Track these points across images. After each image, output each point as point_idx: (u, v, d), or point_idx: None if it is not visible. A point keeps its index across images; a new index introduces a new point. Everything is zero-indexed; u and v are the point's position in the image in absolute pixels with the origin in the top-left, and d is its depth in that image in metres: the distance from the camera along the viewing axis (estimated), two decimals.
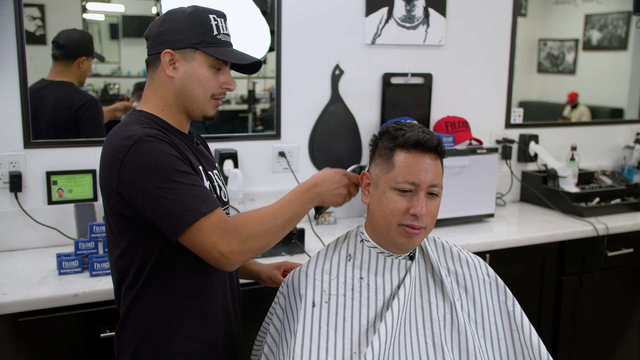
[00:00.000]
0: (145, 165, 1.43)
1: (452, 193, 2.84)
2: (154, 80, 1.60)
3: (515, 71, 3.39)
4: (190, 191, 1.43)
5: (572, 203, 3.11)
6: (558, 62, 4.11)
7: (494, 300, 1.62)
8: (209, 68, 1.57)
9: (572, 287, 2.96)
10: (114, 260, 1.60)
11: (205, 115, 1.62)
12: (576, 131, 3.67)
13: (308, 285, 1.52)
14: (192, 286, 1.58)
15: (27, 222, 2.43)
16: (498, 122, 3.41)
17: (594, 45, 4.12)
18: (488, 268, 1.67)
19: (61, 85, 2.54)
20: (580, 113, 4.00)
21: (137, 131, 1.47)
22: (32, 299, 1.94)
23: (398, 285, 1.53)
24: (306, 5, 2.84)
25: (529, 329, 1.58)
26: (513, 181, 3.41)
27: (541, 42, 4.04)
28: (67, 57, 2.53)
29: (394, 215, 1.47)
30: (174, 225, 1.41)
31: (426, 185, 1.47)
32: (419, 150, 1.47)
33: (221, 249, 1.41)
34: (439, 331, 1.52)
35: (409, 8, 3.03)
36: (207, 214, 1.42)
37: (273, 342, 1.59)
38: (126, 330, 1.61)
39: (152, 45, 1.59)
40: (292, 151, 2.90)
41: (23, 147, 2.41)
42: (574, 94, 4.01)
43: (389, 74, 3.05)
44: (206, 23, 1.56)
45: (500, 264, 2.71)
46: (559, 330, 2.97)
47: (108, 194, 1.52)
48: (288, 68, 2.85)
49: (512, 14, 3.31)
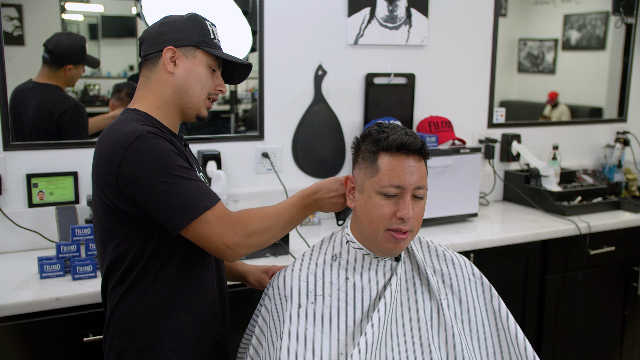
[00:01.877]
0: (147, 160, 1.46)
1: (435, 193, 2.84)
2: (150, 79, 1.63)
3: (495, 71, 3.41)
4: (193, 185, 1.48)
5: (554, 202, 3.13)
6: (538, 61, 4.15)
7: (480, 299, 1.62)
8: (207, 68, 1.64)
9: (555, 286, 2.98)
10: (104, 257, 1.59)
11: (199, 115, 1.67)
12: (558, 130, 3.70)
13: (294, 286, 1.51)
14: (181, 282, 1.59)
15: (7, 225, 2.39)
16: (480, 122, 3.42)
17: (572, 45, 4.15)
18: (473, 267, 1.67)
19: (47, 88, 2.52)
20: (560, 112, 4.03)
21: (137, 128, 1.50)
22: (12, 303, 1.91)
23: (384, 285, 1.53)
24: (288, 5, 2.83)
25: (515, 328, 1.59)
26: (496, 181, 3.42)
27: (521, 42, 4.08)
28: (54, 62, 2.50)
29: (381, 221, 1.47)
30: (178, 219, 1.45)
31: (412, 187, 1.47)
32: (402, 152, 1.47)
33: (226, 240, 1.48)
34: (426, 330, 1.52)
35: (391, 8, 3.03)
36: (211, 207, 1.47)
37: (258, 344, 1.58)
38: (113, 328, 1.60)
39: (150, 45, 1.63)
40: (275, 152, 2.89)
41: (2, 149, 2.38)
42: (554, 93, 4.04)
43: (371, 74, 3.05)
44: (205, 26, 1.65)
45: (484, 263, 2.71)
46: (542, 328, 2.99)
47: (104, 190, 1.52)
48: (270, 68, 2.83)
49: (493, 14, 3.33)
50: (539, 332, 3.00)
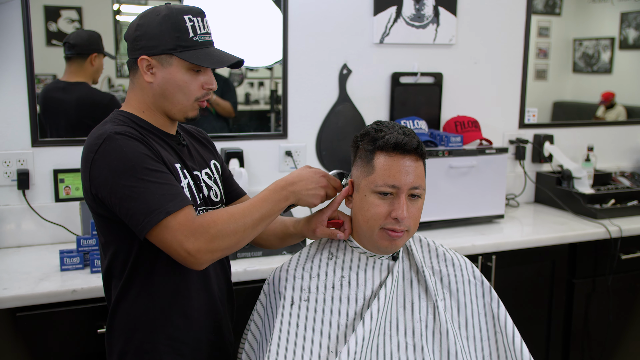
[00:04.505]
0: (112, 163, 1.43)
1: (459, 193, 2.81)
2: (134, 84, 1.60)
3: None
4: (157, 189, 1.41)
5: (585, 204, 3.04)
6: (593, 61, 4.03)
7: (479, 301, 1.60)
8: (187, 71, 1.54)
9: (584, 290, 2.90)
10: (102, 259, 1.63)
11: (187, 117, 1.60)
12: (594, 131, 3.60)
13: (288, 283, 1.52)
14: (173, 285, 1.58)
15: (34, 219, 2.48)
16: (511, 122, 3.36)
17: (630, 44, 4.02)
18: (474, 269, 1.64)
19: (80, 86, 2.59)
20: (617, 113, 3.88)
21: (107, 129, 1.47)
22: (30, 294, 1.98)
23: (380, 284, 1.52)
24: (313, 4, 2.84)
25: (512, 331, 1.56)
26: (527, 182, 3.36)
27: (576, 42, 3.96)
28: (79, 55, 2.57)
29: (375, 220, 1.46)
30: (140, 224, 1.40)
31: (407, 187, 1.45)
32: (398, 152, 1.45)
33: (188, 247, 1.39)
34: (420, 331, 1.50)
35: (418, 7, 3.00)
36: (172, 213, 1.40)
37: (254, 340, 1.60)
38: (113, 330, 1.62)
39: (129, 50, 1.58)
40: (299, 150, 2.90)
41: (31, 146, 2.46)
42: (608, 93, 3.90)
43: (398, 74, 3.03)
44: (181, 26, 1.52)
45: (507, 265, 2.67)
46: (570, 333, 2.92)
47: (85, 194, 1.53)
48: (294, 67, 2.85)
49: (525, 12, 3.26)
50: (566, 337, 2.93)
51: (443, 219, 2.81)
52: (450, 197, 2.80)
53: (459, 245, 2.58)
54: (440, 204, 2.79)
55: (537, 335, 2.86)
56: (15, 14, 2.38)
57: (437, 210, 2.79)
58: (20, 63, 2.41)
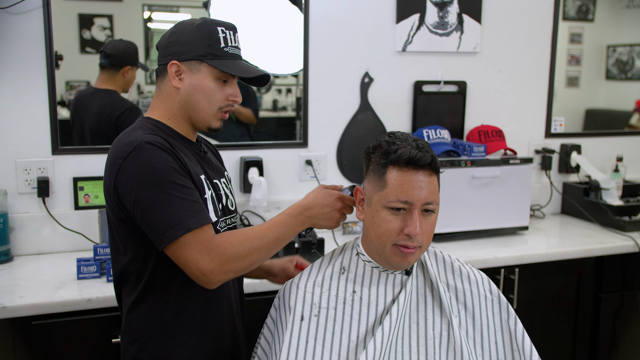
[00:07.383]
0: (140, 172, 1.43)
1: (482, 204, 2.75)
2: (161, 90, 1.62)
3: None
4: (181, 205, 1.42)
5: (613, 216, 2.96)
6: (627, 68, 3.93)
7: (495, 318, 1.55)
8: (215, 80, 1.57)
9: (612, 305, 2.82)
10: (114, 265, 1.61)
11: (210, 127, 1.62)
12: (624, 141, 3.51)
13: (298, 297, 1.49)
14: (193, 294, 1.57)
15: (53, 226, 2.49)
16: (537, 132, 3.29)
17: None
18: (491, 284, 1.59)
19: (105, 93, 2.62)
20: None
21: (138, 137, 1.48)
22: (46, 302, 1.98)
23: (392, 300, 1.48)
24: (335, 12, 2.82)
25: (530, 350, 1.50)
26: (553, 193, 3.28)
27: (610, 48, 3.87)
28: (113, 66, 2.60)
29: (387, 236, 1.42)
30: (159, 237, 1.41)
31: (420, 203, 1.41)
32: (411, 167, 1.41)
33: (202, 267, 1.41)
34: (434, 349, 1.46)
35: (441, 14, 2.96)
36: (193, 230, 1.41)
37: (264, 354, 1.57)
38: (126, 336, 1.61)
39: (160, 56, 1.61)
40: (319, 159, 2.87)
41: (51, 154, 2.48)
42: None
43: (420, 82, 2.99)
44: (213, 35, 1.56)
45: (531, 279, 2.61)
46: (597, 349, 2.83)
47: (108, 198, 1.54)
48: (315, 76, 2.83)
49: (552, 19, 3.20)
50: (592, 354, 2.85)
51: (465, 230, 2.76)
52: (473, 208, 2.75)
53: (481, 257, 2.52)
54: (462, 215, 2.73)
55: (562, 352, 2.79)
56: (38, 23, 2.40)
57: (459, 222, 2.74)
58: (41, 72, 2.43)
